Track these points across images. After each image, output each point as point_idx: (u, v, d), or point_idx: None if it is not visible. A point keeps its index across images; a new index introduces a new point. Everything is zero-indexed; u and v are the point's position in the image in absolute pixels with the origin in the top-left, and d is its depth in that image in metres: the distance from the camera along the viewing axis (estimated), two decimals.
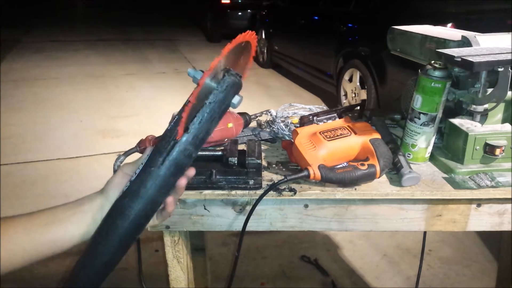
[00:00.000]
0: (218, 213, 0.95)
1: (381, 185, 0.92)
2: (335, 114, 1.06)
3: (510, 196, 0.90)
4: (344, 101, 4.32)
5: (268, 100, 4.96)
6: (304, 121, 1.04)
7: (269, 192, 0.87)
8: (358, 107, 1.30)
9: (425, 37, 1.15)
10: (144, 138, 1.01)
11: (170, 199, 0.67)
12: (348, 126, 0.98)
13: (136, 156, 0.99)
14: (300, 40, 5.34)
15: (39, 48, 7.49)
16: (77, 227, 0.63)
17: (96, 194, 0.67)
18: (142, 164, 0.65)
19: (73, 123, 4.10)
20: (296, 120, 1.19)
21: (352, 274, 2.08)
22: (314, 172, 0.87)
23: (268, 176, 0.95)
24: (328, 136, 0.94)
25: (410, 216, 0.96)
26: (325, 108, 1.25)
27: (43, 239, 0.61)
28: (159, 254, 2.16)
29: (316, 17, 5.06)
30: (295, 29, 5.41)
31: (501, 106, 0.98)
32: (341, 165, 0.91)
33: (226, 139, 1.04)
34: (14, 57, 6.76)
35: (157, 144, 0.64)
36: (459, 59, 0.90)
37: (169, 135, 0.62)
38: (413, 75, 1.04)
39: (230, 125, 1.03)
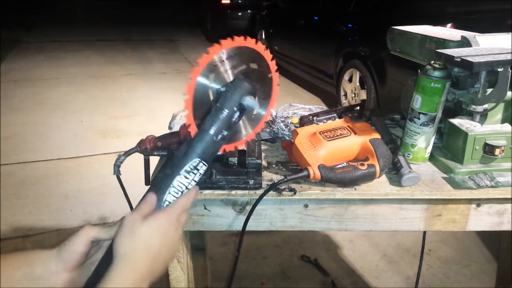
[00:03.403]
0: (218, 213, 0.95)
1: (381, 185, 0.93)
2: (335, 114, 1.06)
3: (509, 196, 0.91)
4: (344, 101, 4.33)
5: None
6: (304, 121, 1.04)
7: (269, 192, 0.88)
8: (358, 107, 1.30)
9: (425, 37, 1.15)
10: (144, 138, 1.01)
11: None
12: (348, 126, 0.99)
13: (136, 156, 1.00)
14: (300, 40, 5.34)
15: (39, 48, 7.50)
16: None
17: (49, 256, 0.59)
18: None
19: (73, 123, 4.11)
20: (296, 120, 1.19)
21: (352, 274, 2.08)
22: (314, 172, 0.87)
23: (268, 176, 0.95)
24: (328, 136, 0.94)
25: (409, 216, 0.96)
26: (325, 108, 1.25)
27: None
28: None
29: (316, 18, 5.06)
30: (295, 30, 5.41)
31: (501, 106, 0.98)
32: (341, 165, 0.91)
33: None
34: (14, 57, 6.77)
35: None
36: (459, 59, 0.90)
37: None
38: (413, 75, 1.05)
39: None
